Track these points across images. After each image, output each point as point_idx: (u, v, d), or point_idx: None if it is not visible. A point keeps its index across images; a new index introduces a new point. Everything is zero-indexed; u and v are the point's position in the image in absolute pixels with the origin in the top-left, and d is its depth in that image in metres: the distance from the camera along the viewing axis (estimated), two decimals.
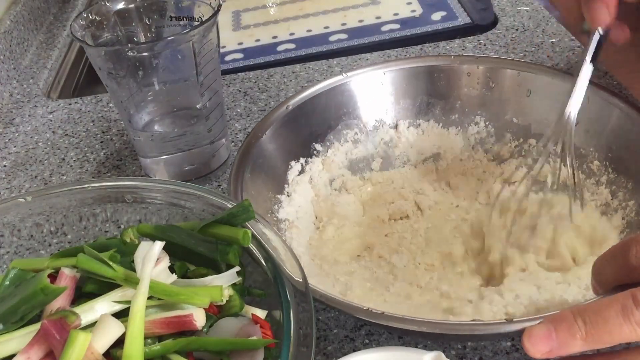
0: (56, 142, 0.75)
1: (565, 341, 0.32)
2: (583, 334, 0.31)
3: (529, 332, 0.33)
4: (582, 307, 0.32)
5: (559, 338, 0.32)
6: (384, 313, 0.41)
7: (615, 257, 0.34)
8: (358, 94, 0.62)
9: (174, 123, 0.63)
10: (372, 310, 0.41)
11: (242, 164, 0.54)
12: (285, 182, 0.58)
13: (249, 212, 0.44)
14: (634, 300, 0.31)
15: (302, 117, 0.60)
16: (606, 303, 0.31)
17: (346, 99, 0.62)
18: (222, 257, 0.44)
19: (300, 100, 0.60)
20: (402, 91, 0.62)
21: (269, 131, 0.57)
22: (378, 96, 0.62)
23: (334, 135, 0.61)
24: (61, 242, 0.53)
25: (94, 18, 0.59)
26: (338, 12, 0.99)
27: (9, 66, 0.89)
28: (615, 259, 0.34)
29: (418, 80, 0.62)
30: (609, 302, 0.31)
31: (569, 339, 0.31)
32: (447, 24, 0.91)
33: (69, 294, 0.41)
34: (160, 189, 0.50)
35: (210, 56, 0.59)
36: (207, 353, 0.40)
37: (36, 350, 0.37)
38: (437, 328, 0.40)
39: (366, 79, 0.62)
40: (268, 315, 0.42)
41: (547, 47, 0.79)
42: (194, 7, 0.60)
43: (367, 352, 0.35)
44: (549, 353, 0.32)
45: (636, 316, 0.30)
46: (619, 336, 0.31)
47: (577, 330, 0.31)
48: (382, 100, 0.62)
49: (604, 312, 0.31)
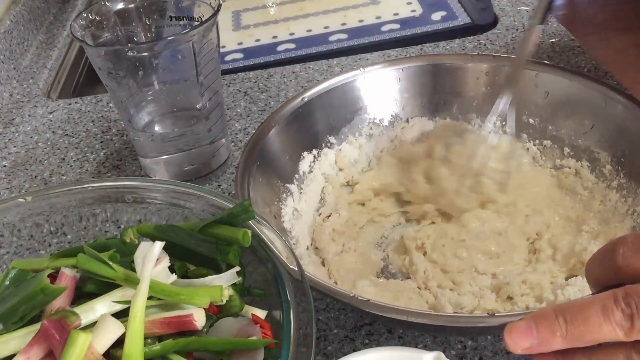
0: (56, 142, 0.75)
1: (545, 338, 0.32)
2: (563, 332, 0.32)
3: (510, 327, 0.33)
4: (564, 305, 0.33)
5: (540, 335, 0.32)
6: (369, 301, 0.41)
7: (604, 257, 0.34)
8: (375, 89, 0.62)
9: (174, 123, 0.63)
10: (358, 297, 0.42)
11: (252, 152, 0.54)
12: (296, 173, 0.58)
13: (249, 212, 0.44)
14: (615, 300, 0.31)
15: (317, 109, 0.60)
16: (588, 302, 0.32)
17: (363, 93, 0.62)
18: (222, 257, 0.44)
19: (317, 93, 0.60)
20: (419, 88, 0.63)
21: (282, 121, 0.58)
22: (395, 92, 0.63)
23: (349, 128, 0.62)
24: (61, 242, 0.53)
25: (94, 18, 0.59)
26: (338, 12, 0.99)
27: (9, 66, 0.89)
28: (603, 260, 0.34)
29: (436, 78, 0.62)
30: (591, 301, 0.32)
31: (549, 337, 0.32)
32: (447, 24, 0.91)
33: (69, 294, 0.41)
34: (160, 189, 0.50)
35: (210, 56, 0.59)
36: (207, 353, 0.40)
37: (36, 351, 0.37)
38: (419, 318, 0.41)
39: (384, 74, 0.62)
40: (268, 315, 0.42)
41: (547, 47, 0.79)
42: (194, 7, 0.60)
43: (367, 352, 0.35)
44: (529, 349, 0.32)
45: (616, 316, 0.31)
46: (599, 335, 0.31)
47: (557, 328, 0.32)
48: (399, 96, 0.63)
49: (585, 312, 0.31)
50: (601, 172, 0.56)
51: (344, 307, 0.50)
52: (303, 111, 0.59)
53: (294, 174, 0.58)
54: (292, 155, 0.59)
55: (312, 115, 0.60)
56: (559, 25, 0.84)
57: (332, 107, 0.61)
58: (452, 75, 0.62)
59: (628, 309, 0.30)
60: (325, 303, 0.51)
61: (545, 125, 0.60)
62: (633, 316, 0.30)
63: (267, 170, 0.55)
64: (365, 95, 0.62)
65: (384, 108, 0.63)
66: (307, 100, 0.60)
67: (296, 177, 0.58)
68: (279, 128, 0.57)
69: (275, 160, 0.57)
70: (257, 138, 0.56)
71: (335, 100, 0.61)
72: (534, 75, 0.59)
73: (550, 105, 0.59)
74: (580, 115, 0.58)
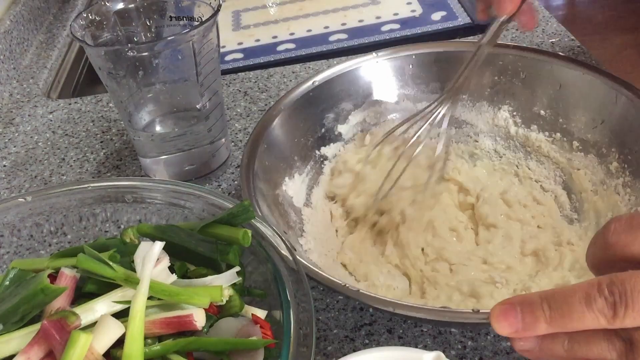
0: (56, 142, 0.75)
1: (529, 324, 0.33)
2: (547, 317, 0.32)
3: (496, 310, 0.34)
4: (550, 291, 0.33)
5: (524, 320, 0.33)
6: (359, 290, 0.42)
7: (598, 237, 0.35)
8: (386, 75, 0.62)
9: (174, 123, 0.63)
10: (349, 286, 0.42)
11: (259, 135, 0.55)
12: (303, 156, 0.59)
13: (248, 212, 0.44)
14: (599, 288, 0.31)
15: (327, 93, 0.60)
16: (572, 290, 0.32)
17: (374, 78, 0.62)
18: (222, 257, 0.44)
19: (328, 77, 0.60)
20: (431, 75, 0.63)
21: (291, 106, 0.58)
22: (406, 78, 0.63)
23: (359, 112, 0.62)
24: (61, 242, 0.53)
25: (93, 18, 0.59)
26: (338, 12, 0.99)
27: (9, 66, 0.89)
28: (597, 239, 0.35)
29: (448, 65, 0.62)
30: (575, 288, 0.32)
31: (533, 322, 0.32)
32: (447, 23, 0.91)
33: (69, 294, 0.41)
34: (160, 189, 0.50)
35: (210, 56, 0.59)
36: (207, 353, 0.40)
37: (36, 351, 0.37)
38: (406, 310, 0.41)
39: (396, 60, 0.62)
40: (268, 315, 0.42)
41: (547, 47, 0.79)
42: (194, 7, 0.60)
43: (367, 352, 0.35)
44: (515, 333, 0.33)
45: (598, 304, 0.31)
46: (582, 323, 0.31)
47: (541, 314, 0.32)
48: (410, 82, 0.63)
49: (569, 299, 0.32)
50: (607, 169, 0.56)
51: (344, 307, 0.51)
52: (313, 95, 0.59)
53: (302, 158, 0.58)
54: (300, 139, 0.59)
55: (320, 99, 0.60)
56: (559, 25, 0.84)
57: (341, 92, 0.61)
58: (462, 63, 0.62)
59: (611, 297, 0.31)
60: (325, 303, 0.51)
61: (556, 118, 0.60)
62: (616, 304, 0.30)
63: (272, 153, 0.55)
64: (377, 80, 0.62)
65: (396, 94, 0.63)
66: (318, 84, 0.60)
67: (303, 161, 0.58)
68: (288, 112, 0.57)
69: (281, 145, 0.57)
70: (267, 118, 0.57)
71: (345, 84, 0.61)
72: (548, 67, 0.59)
73: (562, 98, 0.59)
74: (592, 110, 0.57)
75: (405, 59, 0.62)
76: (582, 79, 0.58)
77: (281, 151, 0.57)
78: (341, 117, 0.62)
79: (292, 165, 0.58)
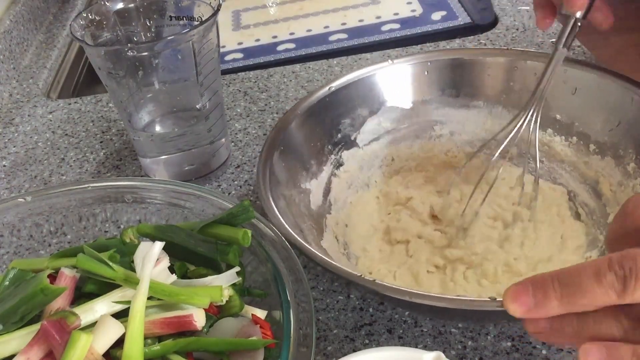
0: (56, 142, 0.75)
1: (541, 302, 0.33)
2: (558, 295, 0.32)
3: (509, 291, 0.34)
4: (560, 270, 0.33)
5: (536, 298, 0.33)
6: (361, 276, 0.41)
7: (618, 212, 0.35)
8: (402, 81, 0.62)
9: (174, 123, 0.63)
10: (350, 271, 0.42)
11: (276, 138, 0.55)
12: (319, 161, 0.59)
13: (248, 212, 0.45)
14: (609, 263, 0.31)
15: (343, 99, 0.60)
16: (582, 266, 0.32)
17: (390, 85, 0.62)
18: (222, 257, 0.44)
19: (344, 83, 0.60)
20: (447, 81, 0.63)
21: (307, 110, 0.58)
22: (422, 85, 0.63)
23: (375, 118, 0.62)
24: (61, 242, 0.53)
25: (93, 18, 0.59)
26: (338, 11, 0.99)
27: (9, 66, 0.89)
28: (617, 215, 0.35)
29: (463, 71, 0.62)
30: (586, 265, 0.32)
31: (544, 300, 0.33)
32: (447, 23, 0.91)
33: (69, 294, 0.41)
34: (160, 189, 0.50)
35: (210, 56, 0.59)
36: (207, 353, 0.40)
37: (36, 351, 0.37)
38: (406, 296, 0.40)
39: (411, 67, 0.62)
40: (268, 315, 0.42)
41: (547, 47, 0.79)
42: (193, 7, 0.60)
43: (367, 352, 0.35)
44: (528, 312, 0.33)
45: (608, 278, 0.31)
46: (593, 299, 0.32)
47: (552, 291, 0.32)
48: (426, 89, 0.63)
49: (579, 275, 0.32)
50: (625, 170, 0.56)
51: (344, 307, 0.51)
52: (330, 100, 0.59)
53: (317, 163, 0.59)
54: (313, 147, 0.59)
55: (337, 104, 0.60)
56: (558, 25, 0.83)
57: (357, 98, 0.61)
58: (480, 70, 0.62)
59: (621, 271, 0.31)
60: (325, 303, 0.51)
61: (572, 122, 0.59)
62: (626, 278, 0.31)
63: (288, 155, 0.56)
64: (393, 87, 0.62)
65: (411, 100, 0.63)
66: (334, 90, 0.60)
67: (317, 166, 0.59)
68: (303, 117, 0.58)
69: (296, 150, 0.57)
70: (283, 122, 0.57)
71: (362, 90, 0.61)
72: (563, 71, 0.58)
73: (578, 102, 0.59)
74: (607, 112, 0.57)
75: (420, 66, 0.62)
76: (597, 82, 0.57)
77: (297, 154, 0.57)
78: (357, 122, 0.62)
79: (308, 168, 0.58)
